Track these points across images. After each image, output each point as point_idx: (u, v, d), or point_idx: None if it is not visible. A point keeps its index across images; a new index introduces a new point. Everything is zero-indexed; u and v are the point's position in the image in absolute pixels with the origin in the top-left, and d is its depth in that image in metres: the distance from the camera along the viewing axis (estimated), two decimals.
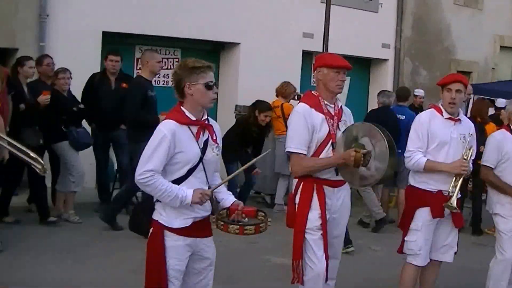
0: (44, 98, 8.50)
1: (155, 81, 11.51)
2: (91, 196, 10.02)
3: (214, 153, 4.38)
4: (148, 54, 8.77)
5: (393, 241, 6.25)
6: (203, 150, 4.31)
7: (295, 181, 5.34)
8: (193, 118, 4.29)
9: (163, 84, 12.18)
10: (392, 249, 6.26)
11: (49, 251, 7.64)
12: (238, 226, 4.26)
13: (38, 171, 3.32)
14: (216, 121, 4.62)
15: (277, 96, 10.83)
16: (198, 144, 4.28)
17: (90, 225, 8.83)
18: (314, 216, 5.11)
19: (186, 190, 4.18)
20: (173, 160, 4.21)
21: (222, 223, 4.27)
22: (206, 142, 4.34)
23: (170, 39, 12.06)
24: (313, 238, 5.11)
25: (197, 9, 12.00)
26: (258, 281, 7.02)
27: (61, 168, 8.98)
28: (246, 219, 4.46)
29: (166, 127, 4.19)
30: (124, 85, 9.46)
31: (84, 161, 9.36)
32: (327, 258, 5.13)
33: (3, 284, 6.38)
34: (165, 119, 4.29)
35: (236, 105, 11.67)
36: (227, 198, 4.49)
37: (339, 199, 5.25)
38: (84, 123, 9.50)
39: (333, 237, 5.26)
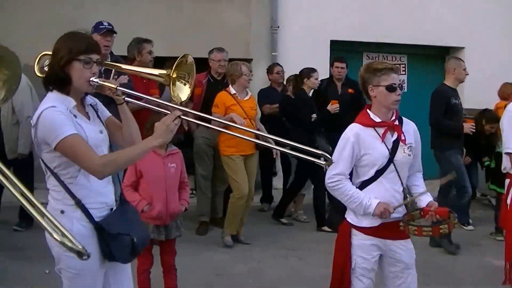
0: (334, 107, 9.03)
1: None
2: None
3: (405, 154, 4.29)
4: (455, 62, 8.46)
5: None
6: (393, 151, 4.26)
7: (507, 181, 5.26)
8: (378, 120, 4.28)
9: None
10: None
11: (275, 247, 8.03)
12: (416, 227, 4.16)
13: (323, 166, 3.65)
14: None
15: (500, 98, 10.64)
16: (385, 145, 4.26)
17: (316, 225, 8.95)
18: None
19: (372, 200, 4.20)
20: (361, 162, 4.27)
21: (403, 224, 4.21)
22: (396, 143, 4.28)
23: (396, 45, 12.24)
24: None
25: (422, 15, 12.10)
26: (474, 284, 6.80)
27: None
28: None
29: (350, 131, 4.29)
30: (350, 90, 9.84)
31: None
32: None
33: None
34: (353, 122, 4.38)
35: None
36: (423, 198, 4.38)
37: None
38: None
39: None
